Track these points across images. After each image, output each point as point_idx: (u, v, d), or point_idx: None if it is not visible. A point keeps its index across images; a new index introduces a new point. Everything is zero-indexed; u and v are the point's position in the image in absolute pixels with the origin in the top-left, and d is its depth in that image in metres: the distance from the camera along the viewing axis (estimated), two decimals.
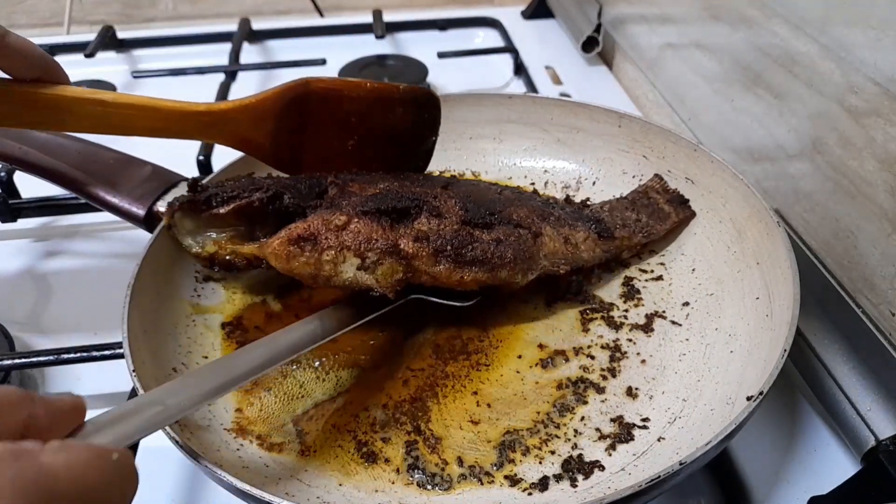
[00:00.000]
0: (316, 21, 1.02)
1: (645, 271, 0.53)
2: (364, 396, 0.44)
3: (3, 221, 0.62)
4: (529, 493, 0.39)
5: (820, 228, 0.49)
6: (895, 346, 0.43)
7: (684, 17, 0.68)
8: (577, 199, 0.58)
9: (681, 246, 0.54)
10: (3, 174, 0.61)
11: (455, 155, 0.62)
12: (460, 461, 0.41)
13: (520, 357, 0.47)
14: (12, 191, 0.62)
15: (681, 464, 0.34)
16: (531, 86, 0.81)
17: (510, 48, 0.88)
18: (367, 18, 0.93)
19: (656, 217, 0.53)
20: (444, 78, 0.86)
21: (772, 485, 0.42)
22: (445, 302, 0.47)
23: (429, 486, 0.39)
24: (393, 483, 0.40)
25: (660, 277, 0.52)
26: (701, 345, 0.47)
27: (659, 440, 0.41)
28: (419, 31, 0.95)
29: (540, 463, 0.41)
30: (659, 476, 0.33)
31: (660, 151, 0.56)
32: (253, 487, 0.33)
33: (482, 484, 0.40)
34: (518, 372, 0.46)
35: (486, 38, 0.95)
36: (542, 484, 0.39)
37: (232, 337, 0.48)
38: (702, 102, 0.66)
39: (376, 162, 0.51)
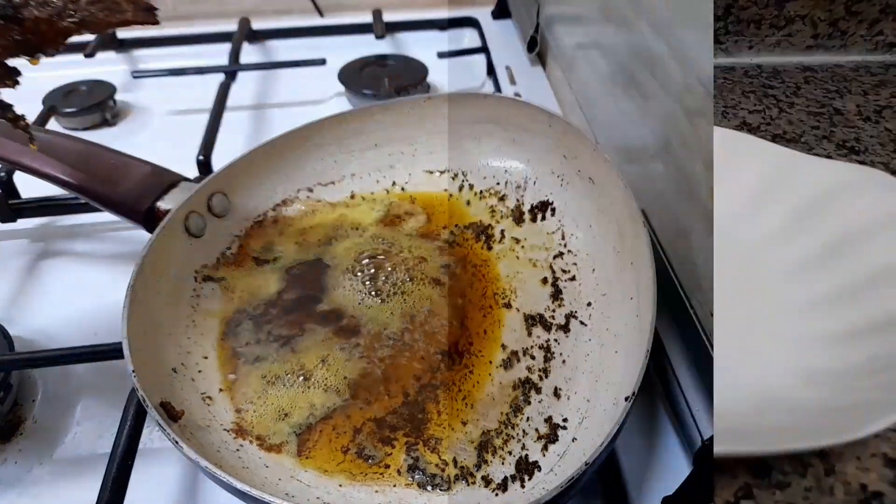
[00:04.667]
0: (316, 21, 1.01)
1: (565, 271, 0.52)
2: (364, 399, 0.44)
3: (2, 221, 0.62)
4: (497, 494, 0.39)
5: (667, 229, 0.50)
6: (713, 346, 0.43)
7: (587, 16, 0.68)
8: (526, 203, 0.56)
9: (585, 246, 0.53)
10: (2, 174, 0.61)
11: (455, 154, 0.62)
12: (455, 462, 0.41)
13: (490, 361, 0.47)
14: (12, 191, 0.62)
15: (586, 464, 0.34)
16: (497, 86, 0.82)
17: (484, 48, 0.88)
18: (367, 18, 0.92)
19: (103, 5, 0.39)
20: (445, 78, 0.86)
21: (640, 486, 0.43)
22: None
23: (429, 487, 0.40)
24: (394, 484, 0.40)
25: (573, 277, 0.51)
26: (598, 345, 0.46)
27: (573, 441, 0.41)
28: (419, 31, 0.95)
29: (503, 463, 0.41)
30: (572, 478, 0.33)
31: (573, 151, 0.54)
32: (252, 488, 0.33)
33: (468, 484, 0.40)
34: (490, 374, 0.46)
35: (472, 38, 0.95)
36: (503, 485, 0.39)
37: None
38: (597, 102, 0.66)
39: None
